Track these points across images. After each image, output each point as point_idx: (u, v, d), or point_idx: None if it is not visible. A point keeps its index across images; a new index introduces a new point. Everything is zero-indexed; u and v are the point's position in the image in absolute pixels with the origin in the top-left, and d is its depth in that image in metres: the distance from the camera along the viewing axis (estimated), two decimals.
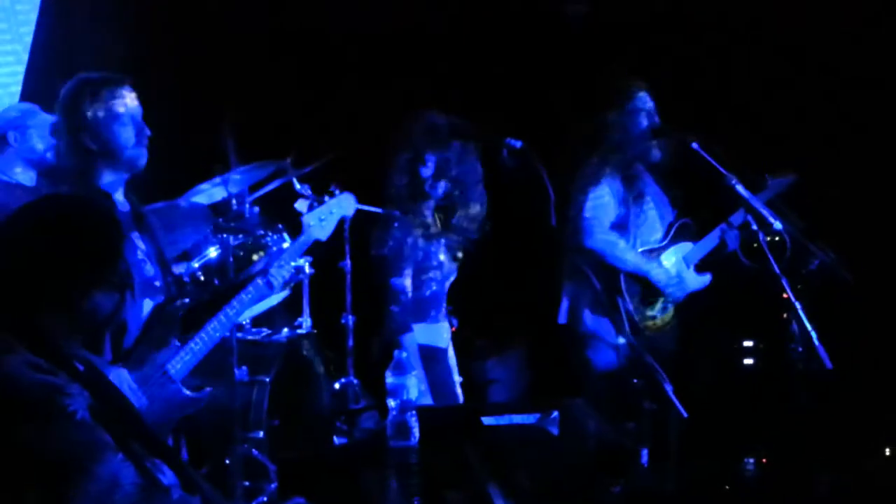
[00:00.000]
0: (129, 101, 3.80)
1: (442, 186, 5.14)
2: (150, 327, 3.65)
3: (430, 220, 5.15)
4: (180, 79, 6.22)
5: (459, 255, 5.27)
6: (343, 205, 4.54)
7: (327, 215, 4.44)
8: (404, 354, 4.29)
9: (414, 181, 5.09)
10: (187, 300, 3.92)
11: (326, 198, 4.55)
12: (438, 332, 5.21)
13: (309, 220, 4.41)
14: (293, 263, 4.40)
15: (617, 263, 5.43)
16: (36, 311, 3.43)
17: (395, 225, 5.03)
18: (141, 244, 3.74)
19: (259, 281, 4.07)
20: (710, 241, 5.55)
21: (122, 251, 3.59)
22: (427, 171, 5.11)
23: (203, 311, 3.94)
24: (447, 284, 5.26)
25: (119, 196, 3.91)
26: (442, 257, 5.21)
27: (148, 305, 3.79)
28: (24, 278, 3.47)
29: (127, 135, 3.74)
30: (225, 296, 3.97)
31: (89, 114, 3.73)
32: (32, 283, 3.46)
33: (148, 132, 3.81)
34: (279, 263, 4.20)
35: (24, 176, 5.35)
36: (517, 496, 4.05)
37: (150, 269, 3.76)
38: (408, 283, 5.00)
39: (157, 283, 3.78)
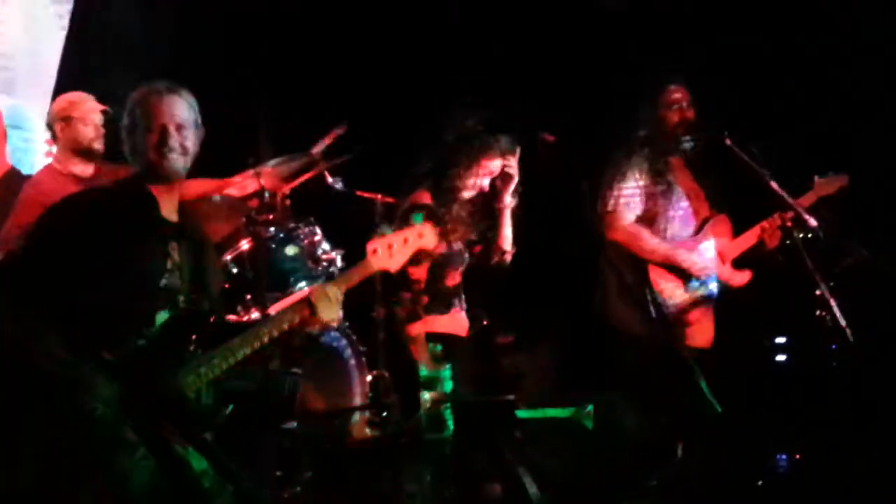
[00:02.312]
0: (155, 107, 3.63)
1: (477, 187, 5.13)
2: (161, 337, 3.56)
3: (459, 215, 5.12)
4: (213, 71, 6.23)
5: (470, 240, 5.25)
6: (424, 238, 3.83)
7: (399, 244, 3.78)
8: (438, 348, 4.28)
9: (449, 182, 5.07)
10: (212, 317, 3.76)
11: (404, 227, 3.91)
12: (460, 322, 5.20)
13: (376, 245, 3.76)
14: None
15: (642, 254, 5.41)
16: (70, 296, 3.45)
17: (423, 214, 4.97)
18: (175, 256, 3.69)
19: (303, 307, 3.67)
20: (748, 239, 5.52)
21: (151, 245, 3.60)
22: (469, 176, 5.08)
23: (230, 331, 3.80)
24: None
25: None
26: (461, 249, 5.19)
27: (163, 317, 3.69)
28: (59, 263, 3.49)
29: (147, 141, 3.64)
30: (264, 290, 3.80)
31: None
32: (66, 268, 3.48)
33: (175, 143, 3.60)
34: (330, 289, 3.69)
35: (79, 167, 5.35)
36: (551, 489, 4.06)
37: (176, 281, 3.68)
38: (423, 273, 4.96)
39: (180, 297, 3.71)
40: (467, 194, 5.13)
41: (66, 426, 3.28)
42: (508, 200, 5.18)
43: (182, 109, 3.65)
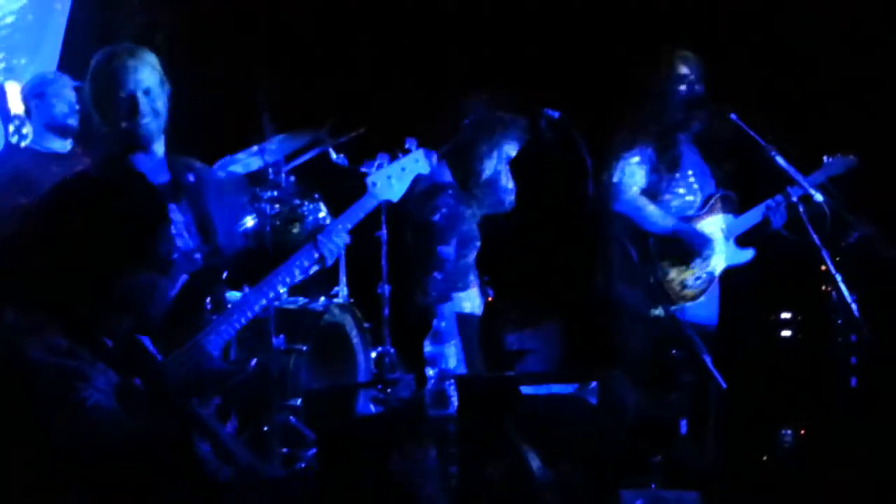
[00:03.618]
0: (119, 74, 3.60)
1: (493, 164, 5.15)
2: (182, 298, 3.58)
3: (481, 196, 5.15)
4: (217, 47, 6.21)
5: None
6: (419, 162, 3.97)
7: (397, 173, 3.92)
8: (443, 324, 4.28)
9: (469, 165, 5.09)
10: (226, 271, 3.79)
11: (401, 155, 3.97)
12: (474, 299, 5.21)
13: (375, 178, 3.88)
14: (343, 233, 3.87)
15: (645, 225, 5.41)
16: (68, 284, 3.45)
17: (450, 192, 5.01)
18: (178, 216, 3.68)
19: (312, 252, 3.79)
20: (753, 216, 5.51)
21: (152, 231, 3.59)
22: (490, 159, 5.10)
23: (245, 279, 3.85)
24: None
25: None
26: (475, 227, 5.21)
27: (183, 279, 3.71)
28: (55, 251, 3.49)
29: (117, 110, 3.59)
30: (269, 266, 3.80)
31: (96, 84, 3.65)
32: (62, 256, 3.48)
33: (146, 109, 3.58)
34: (335, 230, 3.83)
35: (57, 144, 5.36)
36: (555, 466, 4.06)
37: (187, 241, 3.69)
38: (451, 251, 5.00)
39: (196, 255, 3.71)
40: (486, 176, 5.15)
41: (57, 417, 3.29)
42: None
43: (146, 72, 3.61)
